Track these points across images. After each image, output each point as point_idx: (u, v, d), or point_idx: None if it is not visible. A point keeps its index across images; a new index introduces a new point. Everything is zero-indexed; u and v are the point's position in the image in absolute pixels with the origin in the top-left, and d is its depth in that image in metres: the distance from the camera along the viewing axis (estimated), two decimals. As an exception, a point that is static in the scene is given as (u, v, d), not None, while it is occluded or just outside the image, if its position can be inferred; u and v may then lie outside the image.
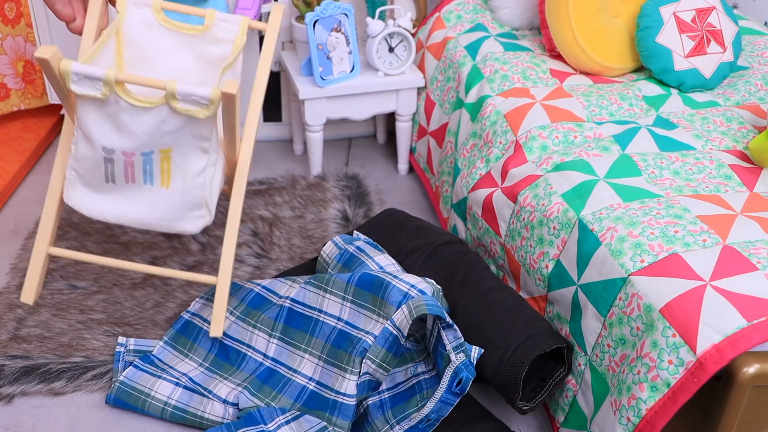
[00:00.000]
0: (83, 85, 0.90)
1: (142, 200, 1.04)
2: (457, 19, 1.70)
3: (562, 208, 1.10)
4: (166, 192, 1.03)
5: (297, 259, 1.47)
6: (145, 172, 1.00)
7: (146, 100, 0.92)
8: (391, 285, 1.09)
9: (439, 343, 1.07)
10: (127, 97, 0.91)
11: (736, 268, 0.90)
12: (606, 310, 0.98)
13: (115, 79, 0.89)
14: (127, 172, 1.00)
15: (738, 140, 1.23)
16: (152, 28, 1.09)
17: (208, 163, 1.03)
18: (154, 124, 0.94)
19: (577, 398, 1.05)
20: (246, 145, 1.12)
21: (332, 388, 1.10)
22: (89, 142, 0.98)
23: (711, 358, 0.83)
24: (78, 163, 1.02)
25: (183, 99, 0.91)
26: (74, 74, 0.89)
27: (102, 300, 1.34)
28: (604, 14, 1.46)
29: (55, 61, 0.89)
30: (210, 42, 1.11)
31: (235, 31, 1.10)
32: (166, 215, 1.05)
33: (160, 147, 0.98)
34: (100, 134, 0.96)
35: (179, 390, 1.13)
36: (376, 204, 1.67)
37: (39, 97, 1.90)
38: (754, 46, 1.54)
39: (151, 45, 1.10)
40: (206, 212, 1.07)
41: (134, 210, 1.05)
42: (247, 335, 1.20)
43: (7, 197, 1.67)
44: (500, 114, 1.36)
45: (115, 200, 1.04)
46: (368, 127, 1.99)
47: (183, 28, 1.10)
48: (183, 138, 0.97)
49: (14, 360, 1.20)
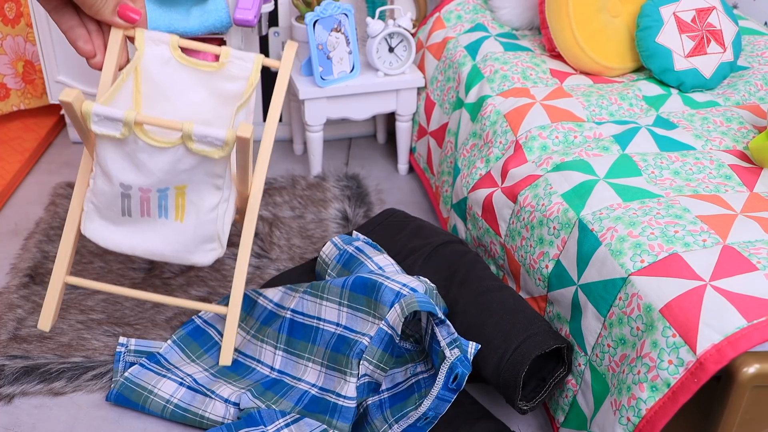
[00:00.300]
0: (104, 125, 0.95)
1: (157, 233, 1.08)
2: (457, 19, 1.70)
3: (562, 208, 1.10)
4: (180, 226, 1.07)
5: (297, 259, 1.47)
6: (161, 207, 1.05)
7: (163, 141, 0.96)
8: (383, 286, 1.10)
9: (433, 340, 1.07)
10: (145, 137, 0.95)
11: (736, 268, 0.90)
12: (606, 310, 0.98)
13: (135, 120, 0.93)
14: (143, 206, 1.05)
15: (738, 140, 1.23)
16: (169, 64, 1.13)
17: (221, 199, 1.07)
18: (171, 163, 0.98)
19: (577, 398, 1.05)
20: (258, 179, 1.15)
21: (334, 391, 1.10)
22: (107, 177, 1.02)
23: (711, 358, 0.83)
24: (96, 197, 1.07)
25: (199, 140, 0.94)
26: (95, 115, 0.94)
27: (102, 300, 1.34)
28: (604, 14, 1.46)
29: (78, 103, 0.94)
30: (225, 78, 1.14)
31: (249, 69, 1.13)
32: (179, 248, 1.09)
33: (176, 184, 1.02)
34: (118, 171, 1.00)
35: (182, 389, 1.13)
36: (376, 204, 1.67)
37: (39, 97, 1.90)
38: (754, 46, 1.54)
39: (168, 81, 1.13)
40: (218, 245, 1.11)
41: (149, 242, 1.09)
42: (257, 350, 1.21)
43: (7, 197, 1.67)
44: (500, 114, 1.36)
45: (131, 233, 1.08)
46: (368, 127, 1.99)
47: (199, 65, 1.14)
48: (198, 176, 1.01)
49: (14, 360, 1.20)
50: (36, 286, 1.37)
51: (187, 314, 1.31)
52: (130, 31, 1.06)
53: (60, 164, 1.78)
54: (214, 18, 1.51)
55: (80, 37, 1.00)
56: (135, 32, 1.07)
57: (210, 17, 1.51)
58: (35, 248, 1.47)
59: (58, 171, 1.76)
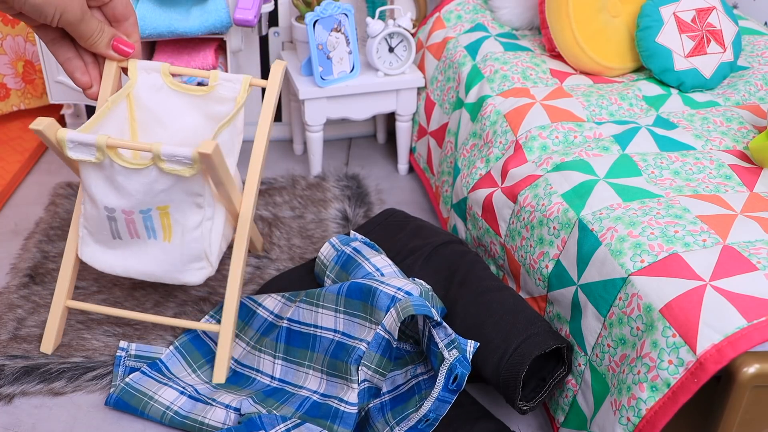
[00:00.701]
0: (79, 151, 0.99)
1: (148, 254, 1.12)
2: (457, 19, 1.70)
3: (562, 208, 1.10)
4: (169, 246, 1.10)
5: (297, 259, 1.47)
6: (148, 228, 1.08)
7: (137, 162, 0.99)
8: (378, 290, 1.10)
9: (431, 342, 1.07)
10: (120, 160, 0.99)
11: (736, 268, 0.90)
12: (606, 310, 0.98)
13: (106, 144, 0.97)
14: (130, 229, 1.08)
15: (738, 140, 1.23)
16: (162, 91, 1.16)
17: (204, 218, 1.09)
18: (147, 183, 1.01)
19: (577, 398, 1.05)
20: (247, 198, 1.17)
21: (338, 396, 1.10)
22: (93, 202, 1.06)
23: (711, 358, 0.83)
24: (87, 221, 1.11)
25: (168, 160, 0.98)
26: (70, 142, 0.98)
27: (102, 300, 1.34)
28: (604, 14, 1.46)
29: (51, 131, 0.98)
30: (215, 101, 1.17)
31: (237, 90, 1.15)
32: (169, 268, 1.13)
33: (157, 204, 1.05)
34: (101, 195, 1.04)
35: (183, 398, 1.13)
36: (376, 204, 1.67)
37: (39, 97, 1.90)
38: (754, 46, 1.54)
39: (161, 107, 1.17)
40: (207, 264, 1.14)
41: (140, 264, 1.13)
42: (256, 360, 1.21)
43: (7, 197, 1.67)
44: (500, 114, 1.36)
45: (123, 256, 1.13)
46: (368, 127, 1.99)
47: (190, 90, 1.17)
48: (177, 195, 1.04)
49: (14, 360, 1.20)
50: (36, 286, 1.37)
51: (187, 314, 1.31)
52: (124, 63, 1.10)
53: (60, 164, 1.78)
54: (214, 18, 1.52)
55: (77, 68, 1.04)
56: (128, 63, 1.11)
57: (210, 17, 1.52)
58: (35, 248, 1.47)
59: (58, 171, 1.76)
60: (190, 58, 1.55)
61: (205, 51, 1.57)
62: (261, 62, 1.84)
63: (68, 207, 1.59)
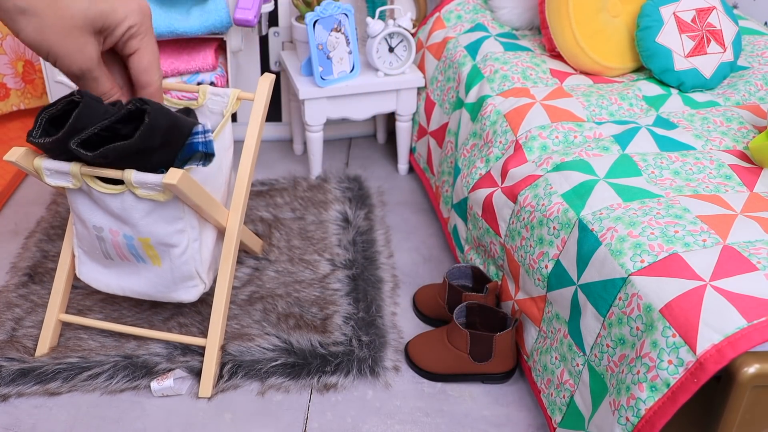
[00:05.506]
0: (56, 178, 1.01)
1: (141, 276, 1.14)
2: (457, 19, 1.69)
3: (562, 208, 1.10)
4: (159, 270, 1.13)
5: (296, 260, 1.47)
6: (134, 254, 1.10)
7: (112, 188, 1.01)
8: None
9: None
10: (96, 185, 1.01)
11: (736, 268, 0.90)
12: (605, 310, 0.98)
13: (80, 171, 0.99)
14: (118, 250, 1.10)
15: (738, 140, 1.23)
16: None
17: (189, 240, 1.11)
18: (125, 209, 1.03)
19: (574, 398, 1.05)
20: (234, 213, 1.19)
21: None
22: (82, 222, 1.09)
23: (711, 358, 0.82)
24: (80, 241, 1.15)
25: (140, 186, 0.99)
26: (47, 170, 1.00)
27: (100, 300, 1.34)
28: (604, 14, 1.46)
29: (27, 161, 0.99)
30: (205, 116, 1.19)
31: (225, 103, 1.17)
32: (162, 288, 1.16)
33: (139, 236, 1.07)
34: (88, 214, 1.06)
35: None
36: (377, 205, 1.67)
37: (39, 96, 1.90)
38: (754, 46, 1.54)
39: None
40: (199, 281, 1.16)
41: (134, 284, 1.16)
42: None
43: (7, 197, 1.67)
44: (500, 114, 1.36)
45: (118, 275, 1.16)
46: (368, 127, 1.99)
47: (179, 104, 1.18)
48: (156, 225, 1.06)
49: (11, 362, 1.20)
50: (35, 285, 1.37)
51: (184, 315, 1.31)
52: None
53: (60, 164, 1.78)
54: (214, 18, 1.52)
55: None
56: None
57: (210, 17, 1.52)
58: (35, 247, 1.47)
59: (58, 171, 1.76)
60: (190, 58, 1.55)
61: (205, 51, 1.57)
62: (261, 62, 1.84)
63: (68, 206, 1.59)
